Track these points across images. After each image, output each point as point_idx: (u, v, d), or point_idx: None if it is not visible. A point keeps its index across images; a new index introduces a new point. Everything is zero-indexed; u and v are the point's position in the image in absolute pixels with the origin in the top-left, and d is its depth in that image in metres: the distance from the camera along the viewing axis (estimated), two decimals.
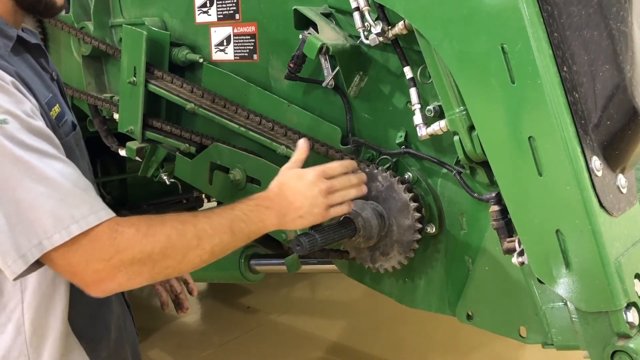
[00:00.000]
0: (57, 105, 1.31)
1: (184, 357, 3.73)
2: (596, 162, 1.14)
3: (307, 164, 1.50)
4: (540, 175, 1.16)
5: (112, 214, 1.15)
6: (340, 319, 4.03)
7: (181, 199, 3.49)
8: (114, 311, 1.48)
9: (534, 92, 1.14)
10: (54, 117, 1.27)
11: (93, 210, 1.12)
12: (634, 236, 1.23)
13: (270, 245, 2.25)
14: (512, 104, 1.18)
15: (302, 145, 1.47)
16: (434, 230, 1.53)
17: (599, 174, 1.14)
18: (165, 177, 2.33)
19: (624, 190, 1.21)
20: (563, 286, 1.17)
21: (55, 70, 1.51)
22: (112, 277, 1.11)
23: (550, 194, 1.16)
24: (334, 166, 1.42)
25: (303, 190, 1.35)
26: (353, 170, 1.46)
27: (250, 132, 1.78)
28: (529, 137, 1.16)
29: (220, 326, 4.06)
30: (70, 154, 1.26)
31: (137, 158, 2.27)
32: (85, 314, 1.39)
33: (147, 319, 4.10)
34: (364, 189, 1.46)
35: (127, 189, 3.45)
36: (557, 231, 1.16)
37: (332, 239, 1.38)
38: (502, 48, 1.16)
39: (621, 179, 1.22)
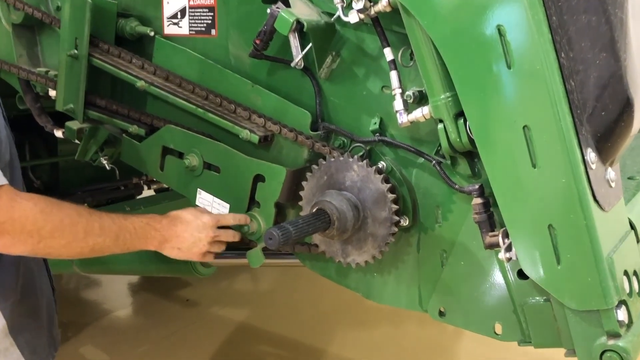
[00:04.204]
0: None
1: (118, 354, 3.51)
2: (591, 155, 1.10)
3: (278, 151, 1.52)
4: (534, 167, 1.10)
5: (5, 181, 1.25)
6: (282, 312, 3.95)
7: (119, 186, 3.25)
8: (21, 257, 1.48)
9: (532, 78, 1.08)
10: None
11: None
12: (620, 231, 1.21)
13: None
14: (508, 91, 1.11)
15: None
16: (407, 222, 1.45)
17: (594, 167, 1.10)
18: (105, 162, 2.14)
19: (613, 185, 1.17)
20: (552, 283, 1.12)
21: None
22: None
23: (544, 187, 1.10)
24: (228, 218, 1.57)
25: (192, 230, 1.51)
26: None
27: (210, 114, 1.63)
28: (524, 127, 1.10)
29: (156, 320, 3.86)
30: None
31: (77, 140, 2.08)
32: None
33: (76, 313, 3.86)
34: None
35: (59, 174, 3.17)
36: (549, 226, 1.11)
37: (305, 232, 1.27)
38: (499, 29, 1.09)
39: (610, 173, 1.18)
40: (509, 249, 1.18)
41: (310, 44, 1.44)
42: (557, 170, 1.09)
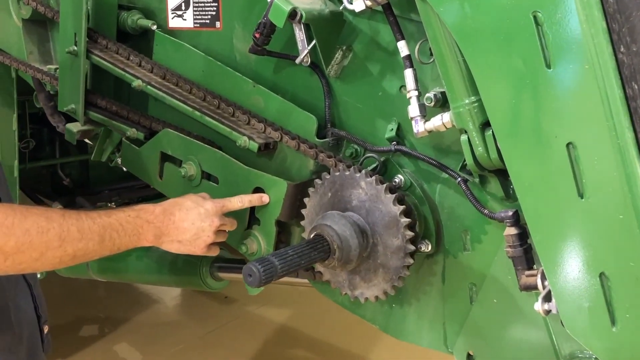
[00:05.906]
0: None
1: (153, 353, 3.46)
2: None
3: (282, 160, 1.35)
4: (581, 198, 0.86)
5: None
6: (322, 312, 3.77)
7: (148, 184, 3.17)
8: None
9: (578, 80, 0.84)
10: None
11: None
12: None
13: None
14: (546, 97, 0.87)
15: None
16: (429, 248, 1.27)
17: None
18: (121, 163, 2.02)
19: None
20: (605, 350, 0.88)
21: None
22: None
23: (593, 224, 0.86)
24: (235, 202, 1.38)
25: (194, 218, 1.31)
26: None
27: (206, 118, 1.45)
28: (568, 144, 0.86)
29: (194, 317, 3.80)
30: None
31: (88, 141, 1.96)
32: None
33: (116, 306, 3.84)
34: None
35: (89, 171, 3.13)
36: (600, 274, 0.86)
37: (296, 266, 1.07)
38: (535, 17, 0.85)
39: None
40: (548, 298, 0.93)
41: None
42: (612, 202, 0.85)
